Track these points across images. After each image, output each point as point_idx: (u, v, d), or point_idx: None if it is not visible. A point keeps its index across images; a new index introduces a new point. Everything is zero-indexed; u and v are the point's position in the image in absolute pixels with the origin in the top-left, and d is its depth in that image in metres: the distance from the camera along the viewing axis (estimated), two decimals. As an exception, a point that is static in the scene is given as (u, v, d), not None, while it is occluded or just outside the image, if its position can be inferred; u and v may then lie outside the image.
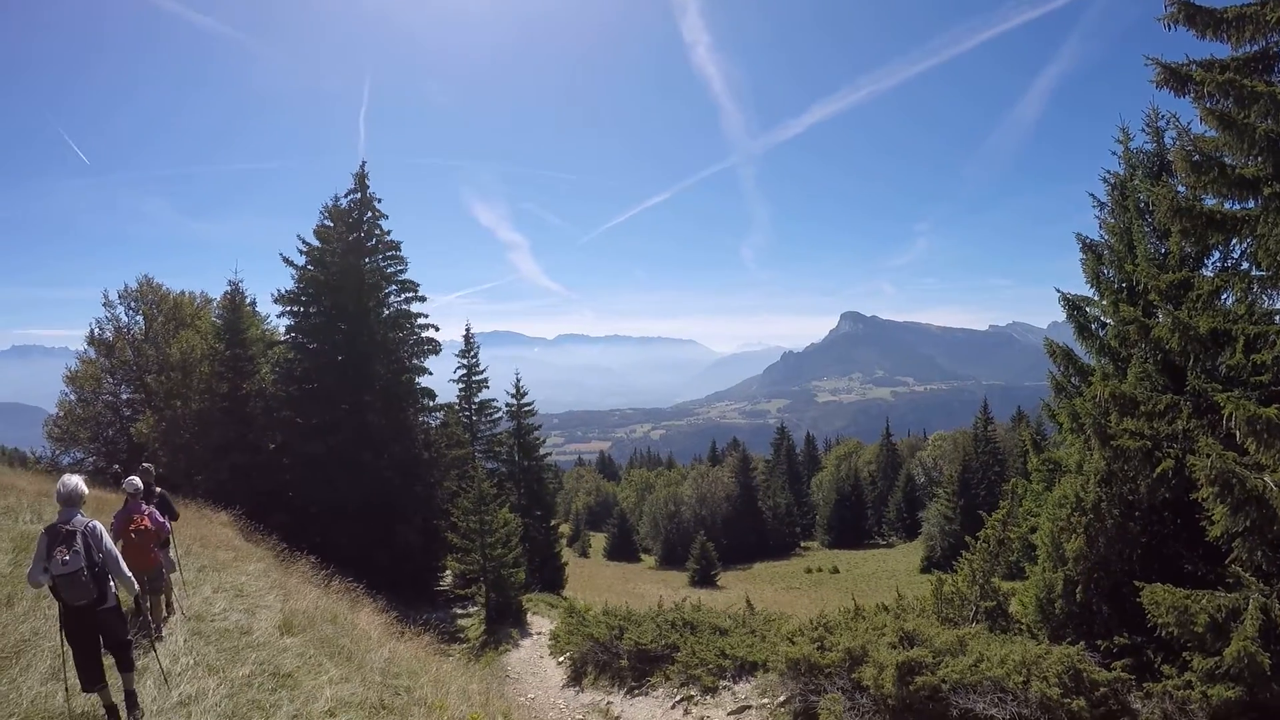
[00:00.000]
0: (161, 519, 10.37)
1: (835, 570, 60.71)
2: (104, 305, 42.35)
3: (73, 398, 41.85)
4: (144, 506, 10.01)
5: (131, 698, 7.07)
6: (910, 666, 11.08)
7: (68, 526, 6.58)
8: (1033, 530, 14.61)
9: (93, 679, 6.60)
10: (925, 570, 53.47)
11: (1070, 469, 14.19)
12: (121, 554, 7.36)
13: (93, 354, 42.31)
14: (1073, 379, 15.32)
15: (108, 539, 6.89)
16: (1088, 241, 14.63)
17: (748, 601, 21.12)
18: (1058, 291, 14.86)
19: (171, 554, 10.91)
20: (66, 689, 6.81)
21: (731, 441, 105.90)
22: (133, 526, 9.43)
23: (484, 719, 9.56)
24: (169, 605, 10.59)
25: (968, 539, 15.11)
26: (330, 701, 8.04)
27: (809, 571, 61.94)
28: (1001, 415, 79.84)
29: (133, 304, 42.67)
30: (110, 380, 42.20)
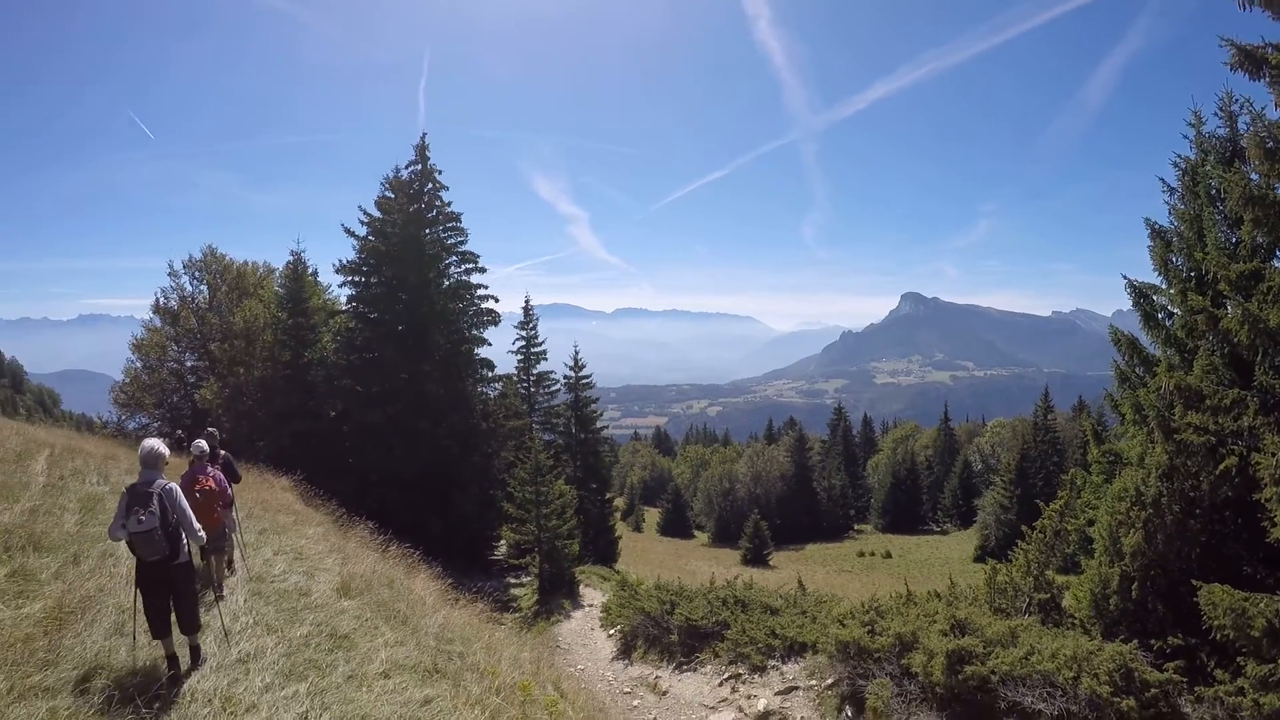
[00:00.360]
0: (224, 481, 10.72)
1: (888, 555, 60.25)
2: (169, 275, 43.25)
3: (138, 365, 42.87)
4: (209, 469, 10.32)
5: (195, 651, 7.49)
6: (960, 655, 10.95)
7: (147, 489, 6.98)
8: (1090, 523, 14.27)
9: (160, 629, 6.96)
10: (979, 559, 52.74)
11: (1131, 462, 13.82)
12: None
13: (158, 322, 43.25)
14: (1137, 369, 14.81)
15: (183, 500, 7.25)
16: (1156, 227, 14.13)
17: (799, 582, 21.07)
18: (1124, 278, 14.29)
19: (234, 515, 11.24)
20: (135, 640, 7.12)
21: (788, 420, 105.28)
22: (198, 487, 9.64)
23: (534, 687, 9.69)
24: (230, 564, 11.03)
25: (1023, 529, 14.83)
26: (385, 664, 8.19)
27: (861, 555, 61.52)
28: (1062, 404, 78.27)
29: (197, 274, 43.52)
30: (175, 348, 43.14)
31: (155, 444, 7.39)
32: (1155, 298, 14.18)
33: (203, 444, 10.53)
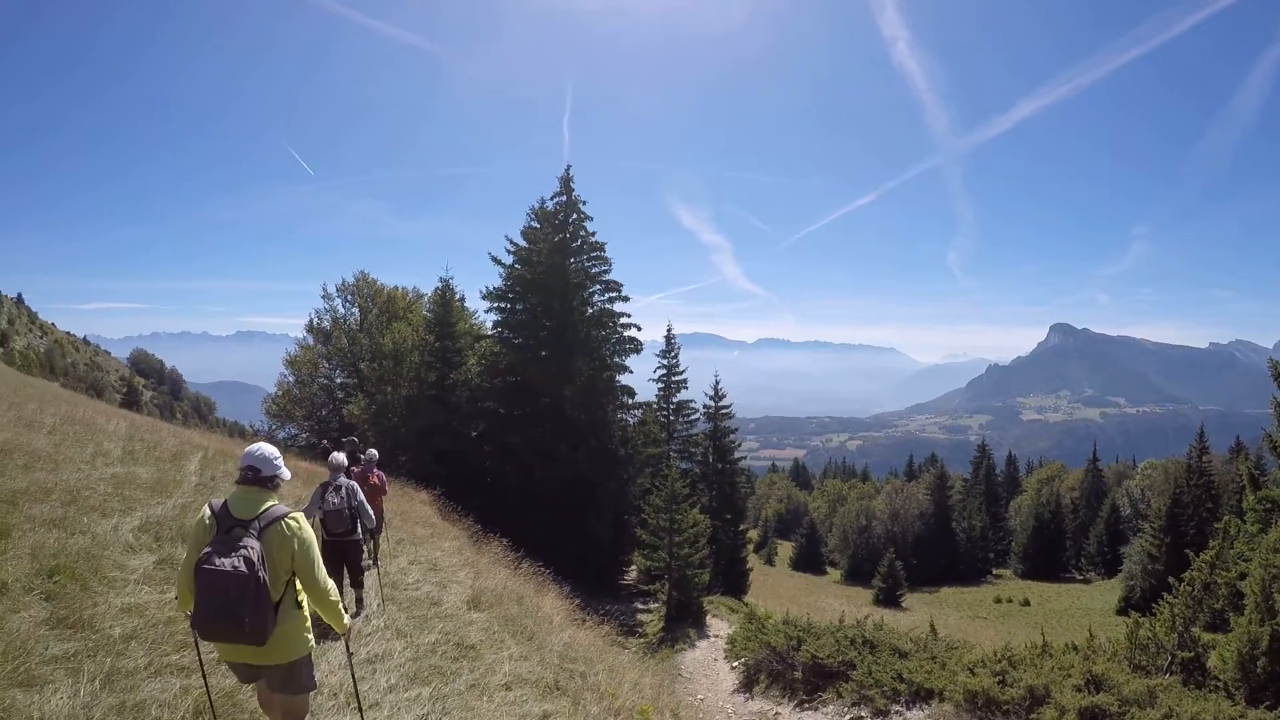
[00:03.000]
0: (385, 480, 13.46)
1: (1026, 603, 57.55)
2: (323, 297, 45.62)
3: (291, 379, 45.18)
4: (375, 470, 13.02)
5: (359, 603, 9.95)
6: (1093, 713, 10.44)
7: (336, 481, 9.57)
8: (1242, 576, 13.49)
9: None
10: (1122, 611, 49.73)
11: (1290, 510, 13.06)
12: None
13: (311, 340, 45.57)
14: (1300, 406, 13.92)
15: (360, 493, 9.79)
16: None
17: (931, 626, 20.58)
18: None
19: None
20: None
21: (929, 457, 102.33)
22: (370, 482, 12.27)
23: (652, 713, 9.79)
24: (377, 549, 12.25)
25: (1170, 580, 14.11)
26: (508, 676, 8.43)
27: (998, 601, 58.96)
28: (1218, 443, 73.39)
29: (349, 296, 45.70)
30: (326, 365, 45.32)
31: (340, 456, 10.02)
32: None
33: (373, 453, 13.27)
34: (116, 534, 9.14)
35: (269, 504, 4.74)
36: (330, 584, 4.88)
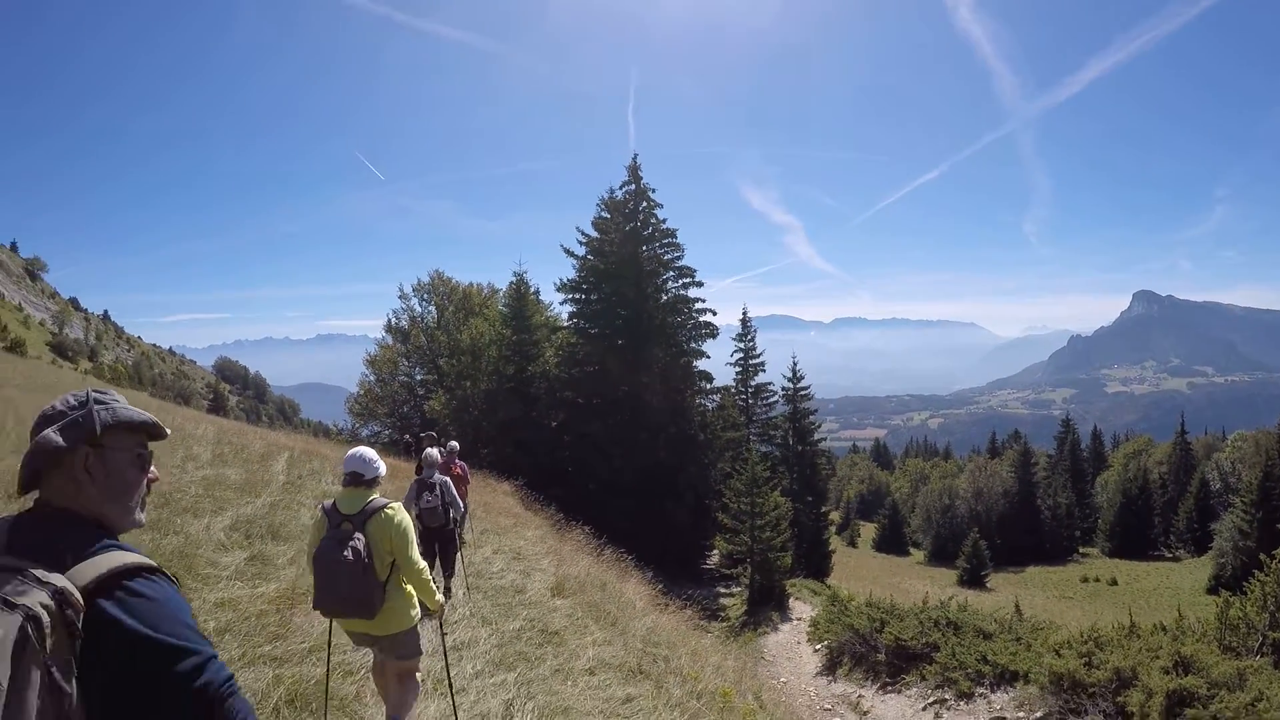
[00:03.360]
0: (467, 470, 14.06)
1: (1113, 582, 55.75)
2: (399, 297, 46.66)
3: (371, 378, 46.28)
4: (458, 461, 13.53)
5: (447, 592, 10.19)
6: (1180, 696, 10.17)
7: (431, 480, 9.85)
8: (1336, 552, 13.09)
9: None
10: (1212, 590, 47.67)
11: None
12: None
13: (390, 340, 46.54)
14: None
15: (453, 488, 10.12)
16: None
17: (1016, 607, 20.30)
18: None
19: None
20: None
21: (1012, 433, 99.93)
22: (453, 473, 12.55)
23: (735, 695, 9.79)
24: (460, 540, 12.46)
25: (1262, 558, 13.69)
26: (592, 661, 8.52)
27: (1085, 581, 57.18)
28: None
29: (425, 295, 46.59)
30: (405, 363, 46.34)
31: (434, 452, 10.28)
32: None
33: (454, 445, 14.02)
34: (209, 533, 9.44)
35: (370, 499, 5.37)
36: (423, 564, 5.45)
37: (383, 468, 5.62)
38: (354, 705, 6.26)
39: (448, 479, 10.11)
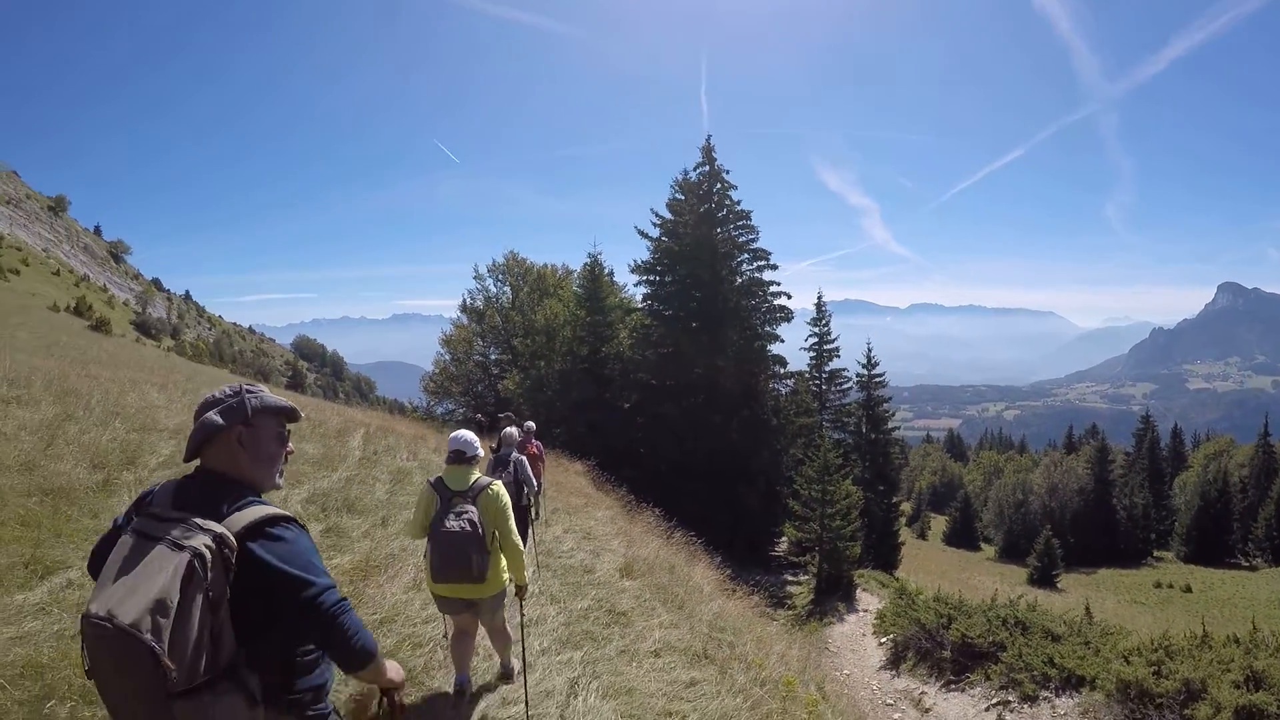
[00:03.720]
0: (542, 450, 14.54)
1: (1187, 589, 53.48)
2: (475, 278, 47.21)
3: (447, 357, 47.01)
4: (533, 440, 13.97)
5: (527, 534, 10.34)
6: (1250, 712, 9.78)
7: (507, 457, 10.18)
8: None
9: None
10: None
11: None
12: None
13: (465, 320, 47.19)
14: None
15: (527, 465, 10.38)
16: None
17: (1087, 609, 19.91)
18: None
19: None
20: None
21: (1090, 428, 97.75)
22: (528, 452, 12.85)
23: (798, 685, 9.74)
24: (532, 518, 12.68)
25: (1343, 569, 13.07)
26: (657, 643, 8.53)
27: (1158, 586, 55.03)
28: None
29: (500, 276, 47.12)
30: (480, 343, 46.91)
31: (513, 431, 10.58)
32: None
33: (530, 425, 14.39)
34: (286, 505, 9.64)
35: (475, 477, 6.12)
36: (519, 538, 6.17)
37: (481, 450, 6.34)
38: (422, 676, 6.38)
39: (523, 458, 10.40)
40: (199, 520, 2.61)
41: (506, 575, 6.20)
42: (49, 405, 11.20)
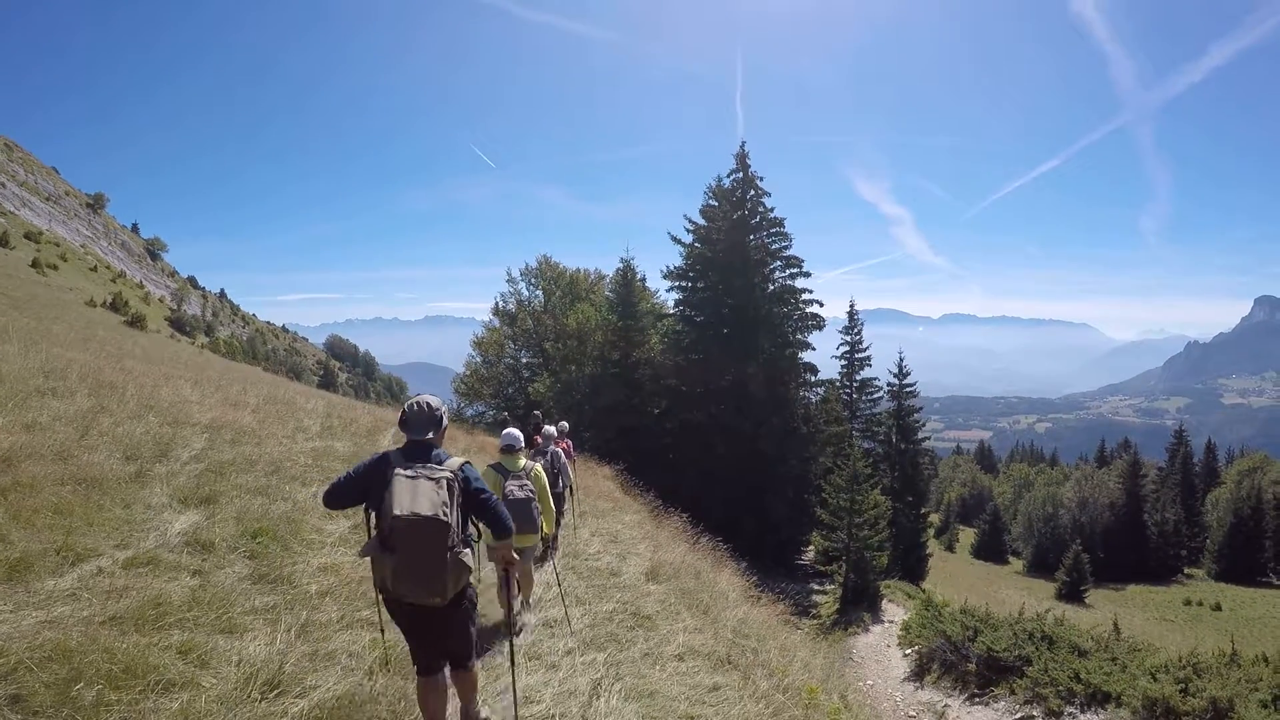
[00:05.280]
0: (572, 450, 15.20)
1: (1217, 607, 52.28)
2: (507, 281, 47.58)
3: (478, 359, 47.37)
4: (564, 439, 14.76)
5: (555, 543, 11.48)
6: None
7: (546, 450, 11.32)
8: None
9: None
10: None
11: None
12: None
13: (497, 323, 47.44)
14: None
15: (563, 457, 11.87)
16: None
17: (1114, 625, 19.68)
18: None
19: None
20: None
21: (1122, 442, 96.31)
22: (560, 448, 13.09)
23: (821, 693, 9.71)
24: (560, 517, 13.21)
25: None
26: (681, 647, 8.53)
27: (1188, 604, 53.89)
28: None
29: (533, 280, 47.44)
30: (512, 346, 47.24)
31: (553, 429, 12.02)
32: None
33: (564, 425, 15.71)
34: (315, 501, 9.78)
35: (523, 461, 8.45)
36: (553, 502, 8.89)
37: (523, 442, 8.72)
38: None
39: (559, 450, 11.86)
40: (434, 465, 4.92)
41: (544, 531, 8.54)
42: (84, 397, 11.39)
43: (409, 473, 4.73)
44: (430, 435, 5.06)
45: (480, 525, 5.26)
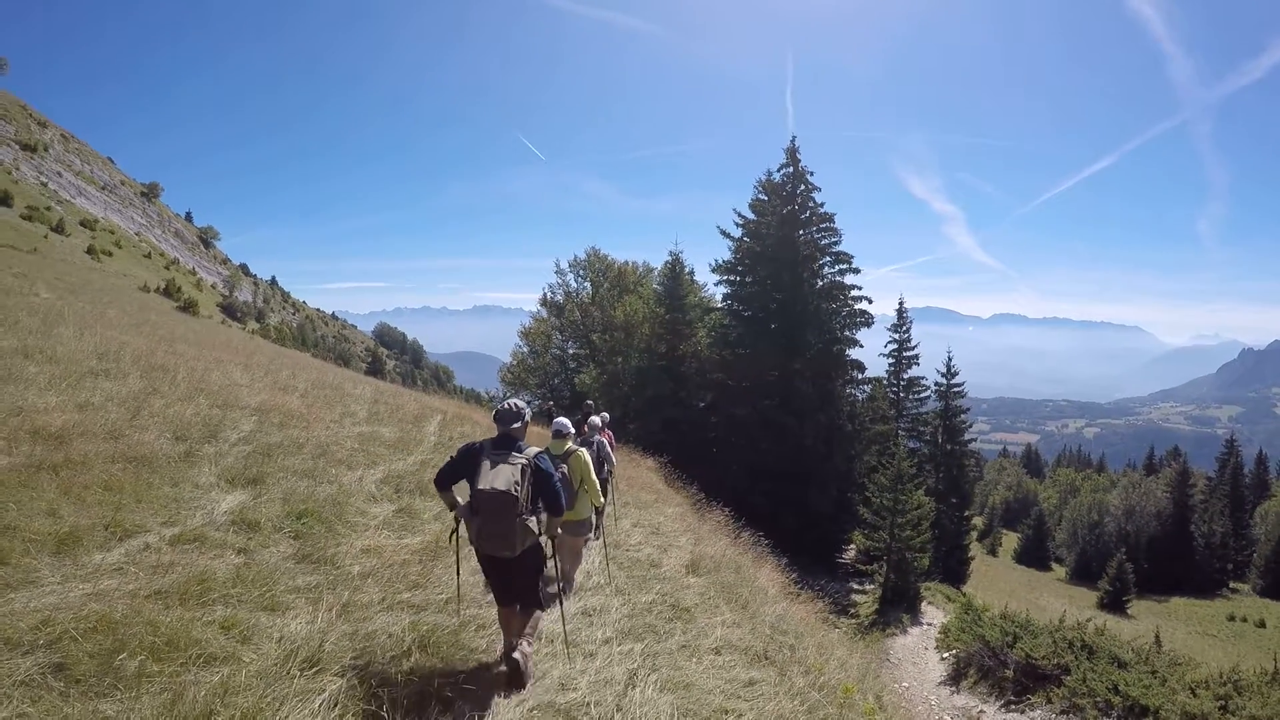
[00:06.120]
0: (613, 439, 14.53)
1: (1261, 624, 50.53)
2: (555, 273, 47.81)
3: (525, 349, 47.69)
4: (606, 429, 13.84)
5: (599, 529, 11.55)
6: None
7: (591, 439, 11.22)
8: None
9: None
10: None
11: None
12: None
13: (544, 314, 47.77)
14: None
15: (607, 445, 11.71)
16: None
17: (1156, 637, 19.38)
18: None
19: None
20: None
21: (1171, 450, 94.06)
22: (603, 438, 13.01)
23: (857, 693, 9.65)
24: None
25: None
26: (718, 641, 8.54)
27: (1231, 619, 52.19)
28: None
29: (581, 271, 47.61)
30: (559, 336, 47.47)
31: (596, 419, 11.99)
32: None
33: (605, 415, 14.15)
34: (361, 485, 9.97)
35: (568, 446, 8.68)
36: (596, 480, 8.86)
37: (572, 428, 8.95)
38: (480, 656, 6.45)
39: (603, 439, 11.75)
40: (514, 454, 6.11)
41: (591, 510, 9.13)
42: (136, 379, 11.64)
43: (494, 457, 6.23)
44: (515, 427, 6.48)
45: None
